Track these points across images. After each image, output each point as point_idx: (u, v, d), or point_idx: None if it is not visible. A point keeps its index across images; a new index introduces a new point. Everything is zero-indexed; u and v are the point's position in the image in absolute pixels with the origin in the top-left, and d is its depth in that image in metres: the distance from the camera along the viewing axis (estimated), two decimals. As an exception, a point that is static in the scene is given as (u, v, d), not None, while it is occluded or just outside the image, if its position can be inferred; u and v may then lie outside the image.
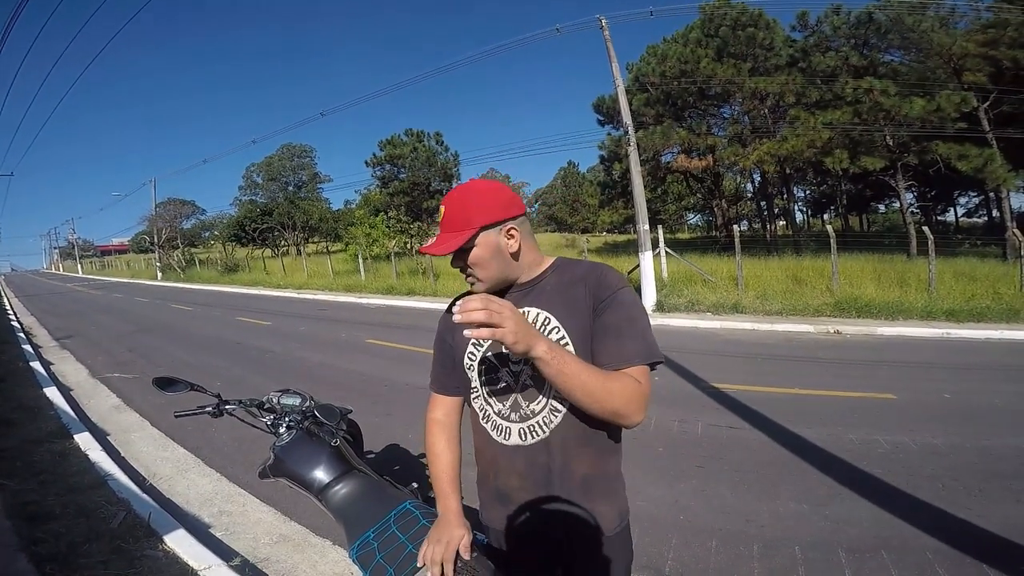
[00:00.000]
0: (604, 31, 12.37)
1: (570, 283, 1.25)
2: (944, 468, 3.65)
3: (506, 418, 1.26)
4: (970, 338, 7.98)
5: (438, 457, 1.38)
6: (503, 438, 1.26)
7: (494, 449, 1.28)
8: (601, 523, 1.25)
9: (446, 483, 1.35)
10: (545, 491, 1.24)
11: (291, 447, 1.86)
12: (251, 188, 58.86)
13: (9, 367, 7.76)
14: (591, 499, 1.25)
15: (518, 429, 1.24)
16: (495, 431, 1.27)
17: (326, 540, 3.05)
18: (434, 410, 1.43)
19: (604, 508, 1.26)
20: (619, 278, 1.23)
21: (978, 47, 17.26)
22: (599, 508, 1.25)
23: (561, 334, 1.19)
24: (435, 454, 1.39)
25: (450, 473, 1.37)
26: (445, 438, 1.40)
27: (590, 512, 1.24)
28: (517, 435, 1.24)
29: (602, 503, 1.26)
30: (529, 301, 1.25)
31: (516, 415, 1.24)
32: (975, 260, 13.98)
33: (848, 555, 2.75)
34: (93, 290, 29.65)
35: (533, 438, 1.23)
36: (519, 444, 1.24)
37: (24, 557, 2.61)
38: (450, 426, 1.41)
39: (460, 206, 1.20)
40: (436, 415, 1.42)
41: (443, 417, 1.42)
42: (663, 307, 11.05)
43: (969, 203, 33.70)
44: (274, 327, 11.77)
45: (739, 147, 22.82)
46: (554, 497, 1.24)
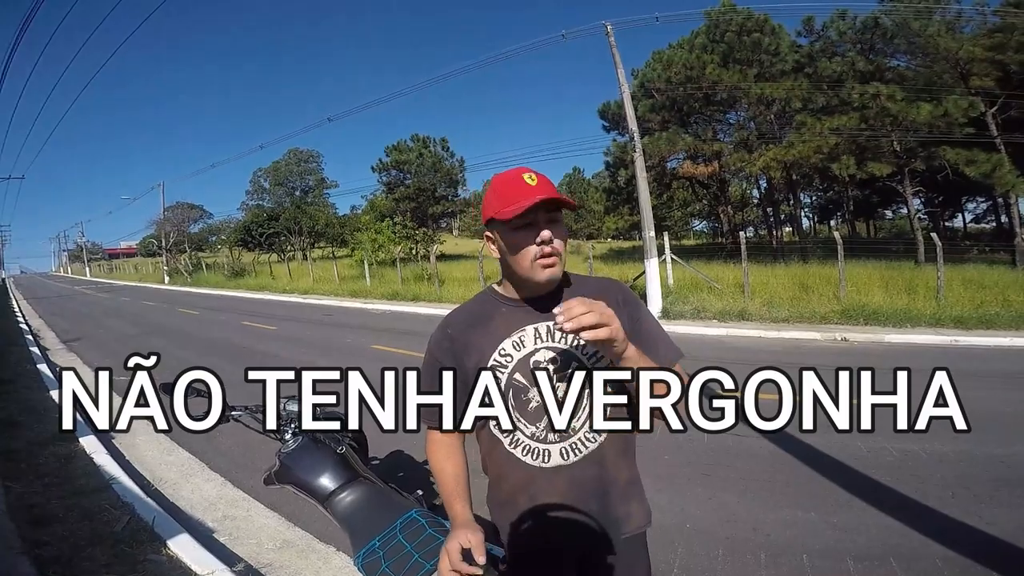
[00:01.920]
0: (610, 37, 12.39)
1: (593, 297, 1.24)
2: (953, 476, 3.61)
3: (542, 440, 1.21)
4: (979, 345, 7.89)
5: (442, 470, 1.28)
6: (541, 461, 1.22)
7: (527, 473, 1.23)
8: (637, 522, 1.29)
9: (454, 493, 1.24)
10: (588, 505, 1.23)
11: (297, 454, 1.85)
12: (258, 193, 59.21)
13: (17, 369, 7.82)
14: (628, 502, 1.28)
15: (559, 449, 1.21)
16: (529, 455, 1.22)
17: (330, 546, 3.04)
18: (432, 441, 1.32)
19: (637, 508, 1.30)
20: (634, 292, 1.33)
21: (985, 51, 17.20)
22: (634, 509, 1.29)
23: (595, 348, 1.18)
24: (439, 469, 1.29)
25: (455, 483, 1.26)
26: (446, 452, 1.29)
27: (628, 513, 1.28)
28: (559, 455, 1.21)
29: (636, 504, 1.30)
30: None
31: (555, 435, 1.21)
32: (984, 267, 13.87)
33: (856, 563, 2.72)
34: (101, 293, 29.85)
35: (576, 455, 1.22)
36: (560, 464, 1.22)
37: (27, 560, 2.61)
38: (453, 439, 1.30)
39: (548, 180, 1.18)
40: (436, 433, 1.31)
41: (443, 436, 1.30)
42: (669, 314, 11.00)
43: (977, 209, 33.52)
44: (280, 332, 11.81)
45: (745, 153, 22.81)
46: (601, 508, 1.24)
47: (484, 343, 1.24)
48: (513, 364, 1.22)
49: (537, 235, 1.15)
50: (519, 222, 1.15)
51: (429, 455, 1.32)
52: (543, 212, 1.15)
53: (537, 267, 1.17)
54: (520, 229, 1.16)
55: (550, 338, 1.22)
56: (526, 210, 1.12)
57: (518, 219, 1.14)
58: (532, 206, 1.12)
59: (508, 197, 1.16)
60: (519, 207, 1.12)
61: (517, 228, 1.16)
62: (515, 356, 1.22)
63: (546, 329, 1.23)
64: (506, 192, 1.17)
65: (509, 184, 1.18)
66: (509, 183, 1.18)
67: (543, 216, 1.15)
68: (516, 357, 1.22)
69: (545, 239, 1.15)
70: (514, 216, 1.13)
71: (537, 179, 1.16)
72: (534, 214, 1.14)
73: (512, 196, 1.15)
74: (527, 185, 1.15)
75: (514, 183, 1.17)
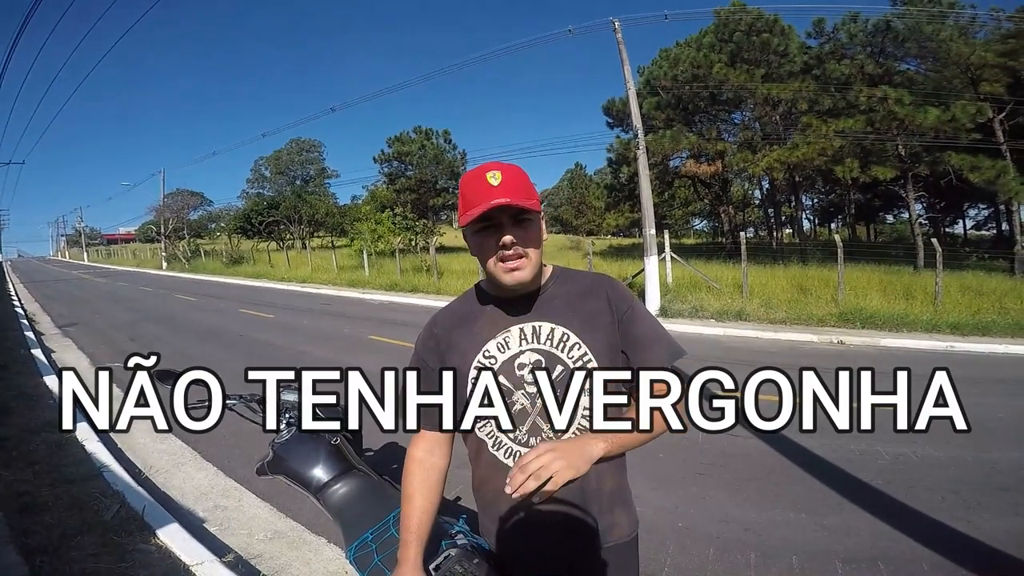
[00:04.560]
0: (617, 33, 12.33)
1: (580, 296, 1.22)
2: (944, 480, 3.62)
3: (524, 443, 1.18)
4: (974, 351, 7.90)
5: (410, 499, 1.23)
6: None
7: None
8: (621, 531, 1.25)
9: (412, 531, 1.20)
10: (572, 511, 1.20)
11: (290, 444, 1.84)
12: (259, 181, 59.30)
13: (11, 354, 7.78)
14: (612, 510, 1.24)
15: None
16: (511, 459, 1.19)
17: (321, 538, 3.04)
18: (415, 446, 1.28)
19: (622, 517, 1.26)
20: (628, 289, 1.26)
21: (997, 57, 17.16)
22: (619, 518, 1.25)
23: (583, 350, 1.16)
24: (407, 496, 1.24)
25: (419, 520, 1.21)
26: (420, 479, 1.24)
27: (612, 523, 1.24)
28: None
29: (621, 512, 1.26)
30: (541, 315, 1.20)
31: (536, 439, 1.17)
32: (982, 274, 13.88)
33: (844, 565, 2.72)
34: (98, 278, 29.79)
35: None
36: None
37: (14, 549, 2.59)
38: (431, 468, 1.26)
39: (516, 177, 1.11)
40: (417, 452, 1.27)
41: (424, 455, 1.26)
42: (667, 312, 10.99)
43: (979, 215, 33.50)
44: (277, 320, 11.79)
45: (749, 153, 22.75)
46: (582, 514, 1.20)
47: (468, 344, 1.21)
48: (497, 367, 1.18)
49: (497, 238, 1.10)
50: (478, 225, 1.11)
51: (405, 474, 1.26)
52: (506, 213, 1.09)
53: (500, 270, 1.12)
54: (482, 231, 1.12)
55: (535, 339, 1.19)
56: (480, 215, 1.07)
57: (475, 223, 1.10)
58: (485, 212, 1.06)
59: (469, 198, 1.10)
60: (473, 212, 1.07)
61: (479, 231, 1.12)
62: (499, 358, 1.19)
63: (531, 330, 1.19)
64: (467, 193, 1.11)
65: (472, 185, 1.11)
66: (472, 183, 1.11)
67: (507, 217, 1.09)
68: (500, 359, 1.19)
69: (506, 244, 1.09)
70: (469, 222, 1.09)
71: (502, 177, 1.09)
72: (498, 215, 1.09)
73: (474, 198, 1.09)
74: (488, 185, 1.09)
75: (476, 182, 1.10)
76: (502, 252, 1.11)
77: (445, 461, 1.28)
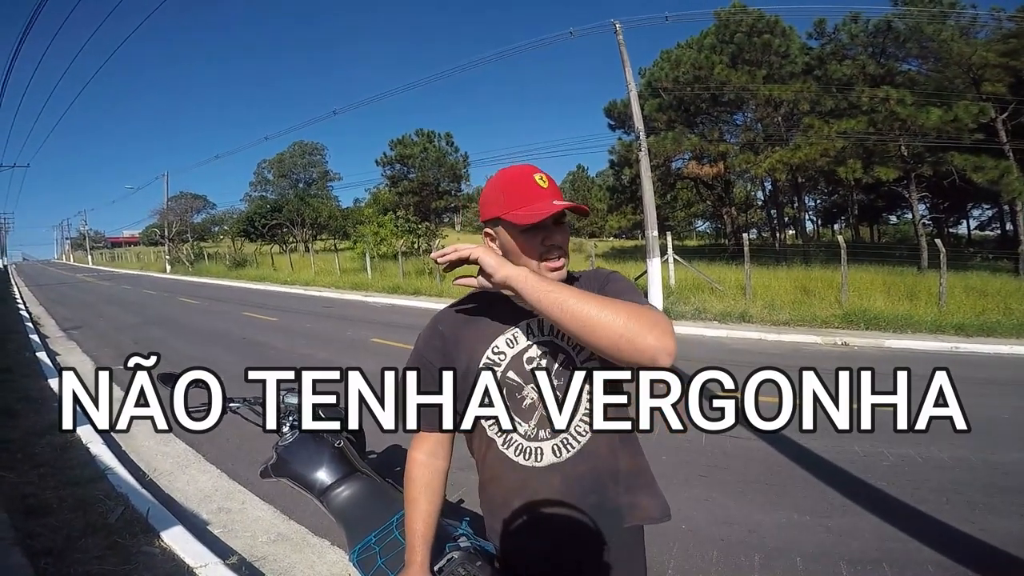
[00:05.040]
0: (618, 35, 12.36)
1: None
2: (949, 481, 3.61)
3: (534, 438, 1.18)
4: (979, 352, 7.88)
5: (414, 503, 1.22)
6: (534, 460, 1.18)
7: (520, 474, 1.20)
8: (646, 514, 1.25)
9: (417, 535, 1.20)
10: (587, 500, 1.19)
11: (294, 447, 1.85)
12: (262, 184, 59.47)
13: (16, 357, 7.81)
14: (633, 492, 1.23)
15: (551, 447, 1.18)
16: (522, 455, 1.19)
17: (324, 540, 3.04)
18: (417, 448, 1.26)
19: (645, 500, 1.25)
20: (625, 278, 1.27)
21: (998, 57, 17.10)
22: (640, 500, 1.24)
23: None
24: (411, 499, 1.23)
25: (425, 523, 1.21)
26: (423, 483, 1.23)
27: (632, 503, 1.23)
28: (551, 453, 1.18)
29: (644, 495, 1.25)
30: None
31: (545, 432, 1.18)
32: (987, 274, 13.83)
33: (849, 567, 2.72)
34: (102, 281, 29.89)
35: (569, 451, 1.18)
36: (554, 462, 1.18)
37: (19, 551, 2.60)
38: (434, 470, 1.25)
39: (553, 182, 1.18)
40: (419, 455, 1.25)
41: (427, 458, 1.25)
42: (669, 314, 10.95)
43: (982, 216, 33.37)
44: (280, 323, 11.82)
45: (751, 154, 22.71)
46: (600, 501, 1.20)
47: (477, 341, 1.22)
48: (507, 362, 1.20)
49: (543, 239, 1.15)
50: (527, 225, 1.14)
51: (408, 477, 1.25)
52: (554, 215, 1.14)
53: (543, 269, 1.16)
54: (530, 231, 1.15)
55: (540, 332, 1.21)
56: (545, 219, 1.12)
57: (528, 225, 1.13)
58: (552, 215, 1.12)
59: (520, 198, 1.14)
60: (537, 214, 1.11)
61: (526, 230, 1.15)
62: (508, 353, 1.20)
63: (537, 324, 1.21)
64: (517, 193, 1.15)
65: (519, 184, 1.16)
66: (519, 183, 1.16)
67: (551, 219, 1.14)
68: (510, 354, 1.20)
69: (559, 244, 1.16)
70: (531, 224, 1.13)
71: (548, 182, 1.16)
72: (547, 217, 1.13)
73: (524, 198, 1.14)
74: (539, 188, 1.14)
75: (525, 183, 1.15)
76: (546, 252, 1.16)
77: (447, 463, 1.28)
